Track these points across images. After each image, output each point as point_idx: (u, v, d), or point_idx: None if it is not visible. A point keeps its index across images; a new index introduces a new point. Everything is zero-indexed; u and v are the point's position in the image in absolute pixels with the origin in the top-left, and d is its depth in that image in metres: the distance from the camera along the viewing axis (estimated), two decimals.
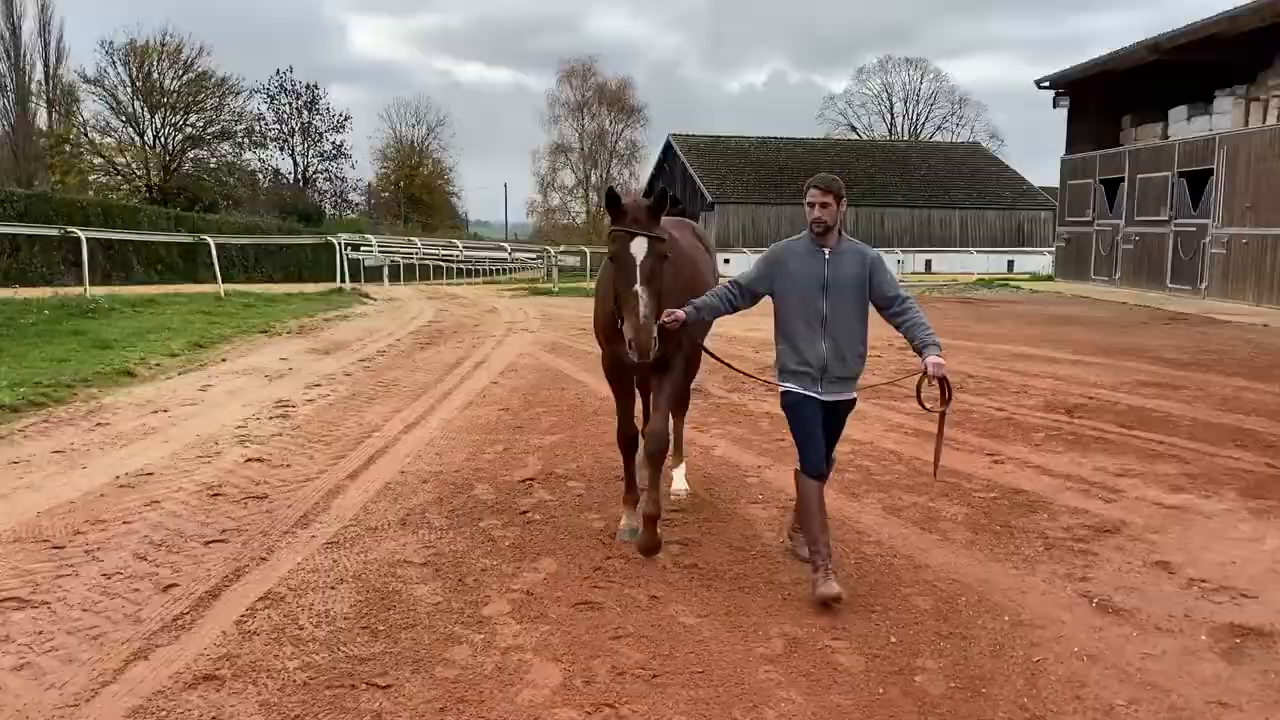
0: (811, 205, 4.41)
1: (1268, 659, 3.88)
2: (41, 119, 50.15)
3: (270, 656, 3.85)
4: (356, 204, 75.66)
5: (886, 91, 76.92)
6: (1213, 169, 20.92)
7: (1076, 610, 4.34)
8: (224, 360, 11.96)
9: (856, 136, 73.72)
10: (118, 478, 6.43)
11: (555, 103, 77.74)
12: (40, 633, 4.05)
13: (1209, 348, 13.51)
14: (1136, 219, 23.88)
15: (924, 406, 4.43)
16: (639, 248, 4.35)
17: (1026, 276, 30.57)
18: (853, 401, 4.62)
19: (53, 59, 49.09)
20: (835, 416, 4.59)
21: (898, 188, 52.43)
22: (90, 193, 49.92)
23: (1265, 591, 4.56)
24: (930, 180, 53.44)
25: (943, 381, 4.32)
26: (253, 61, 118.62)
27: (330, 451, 7.26)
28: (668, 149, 56.85)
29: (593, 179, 77.09)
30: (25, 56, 47.20)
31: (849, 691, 3.62)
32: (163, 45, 54.82)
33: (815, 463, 4.46)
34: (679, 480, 6.09)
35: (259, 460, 6.95)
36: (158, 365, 11.26)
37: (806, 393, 4.44)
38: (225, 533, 5.35)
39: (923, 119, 77.35)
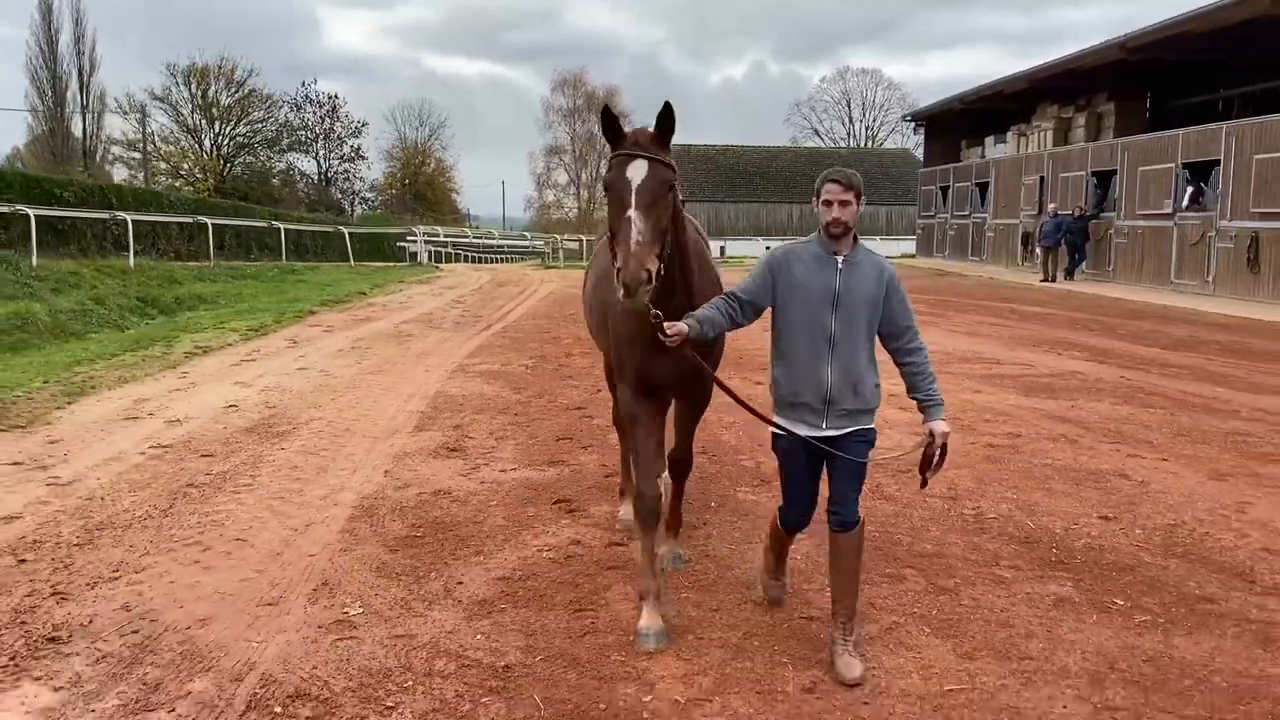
0: (829, 204, 3.71)
1: None
2: (76, 125, 55.55)
3: (518, 330, 15.04)
4: (369, 199, 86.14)
5: (846, 99, 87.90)
6: (989, 181, 32.13)
7: None
8: (400, 290, 22.98)
9: (819, 140, 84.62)
10: (420, 314, 17.44)
11: (550, 109, 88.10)
12: (443, 333, 15.08)
13: (935, 284, 24.63)
14: (956, 214, 35.09)
15: (923, 480, 3.87)
16: (637, 170, 3.62)
17: (900, 255, 41.61)
18: (869, 434, 3.85)
19: (86, 69, 54.58)
20: (847, 451, 3.78)
21: None
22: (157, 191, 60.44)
23: None
24: (863, 180, 64.69)
25: (942, 448, 3.78)
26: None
27: (491, 310, 18.35)
28: None
29: (583, 178, 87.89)
30: (61, 65, 52.95)
31: None
32: (219, 68, 65.73)
33: (796, 519, 4.02)
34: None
35: (468, 312, 18.00)
36: (370, 290, 22.26)
37: (805, 434, 3.77)
38: (477, 324, 16.35)
39: (878, 124, 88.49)
